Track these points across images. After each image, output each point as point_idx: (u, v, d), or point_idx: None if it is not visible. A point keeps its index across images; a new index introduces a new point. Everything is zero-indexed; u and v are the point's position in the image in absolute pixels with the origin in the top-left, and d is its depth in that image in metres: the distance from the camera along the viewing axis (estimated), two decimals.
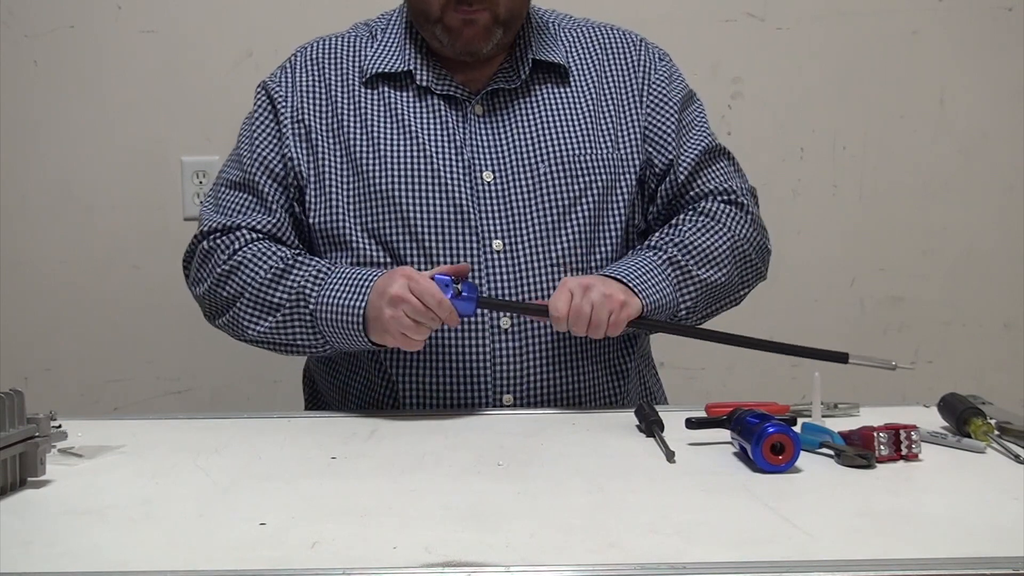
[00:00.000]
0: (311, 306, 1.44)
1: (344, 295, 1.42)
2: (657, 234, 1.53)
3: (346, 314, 1.41)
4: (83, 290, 2.22)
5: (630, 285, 1.41)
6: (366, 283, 1.41)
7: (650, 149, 1.57)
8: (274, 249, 1.49)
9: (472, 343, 1.48)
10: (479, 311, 1.44)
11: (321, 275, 1.45)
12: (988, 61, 2.24)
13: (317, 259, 1.50)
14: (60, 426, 1.16)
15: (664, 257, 1.48)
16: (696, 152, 1.58)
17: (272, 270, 1.47)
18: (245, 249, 1.50)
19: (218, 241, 1.52)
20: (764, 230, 1.60)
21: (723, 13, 2.22)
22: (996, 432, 1.25)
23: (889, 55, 2.24)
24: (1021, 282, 2.26)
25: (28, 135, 2.20)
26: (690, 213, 1.55)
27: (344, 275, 1.44)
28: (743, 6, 2.22)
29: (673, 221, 1.55)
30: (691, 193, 1.58)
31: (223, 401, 2.22)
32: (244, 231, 1.51)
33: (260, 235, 1.52)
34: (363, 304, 1.40)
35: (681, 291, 1.48)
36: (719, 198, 1.57)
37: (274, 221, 1.53)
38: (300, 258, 1.48)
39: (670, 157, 1.57)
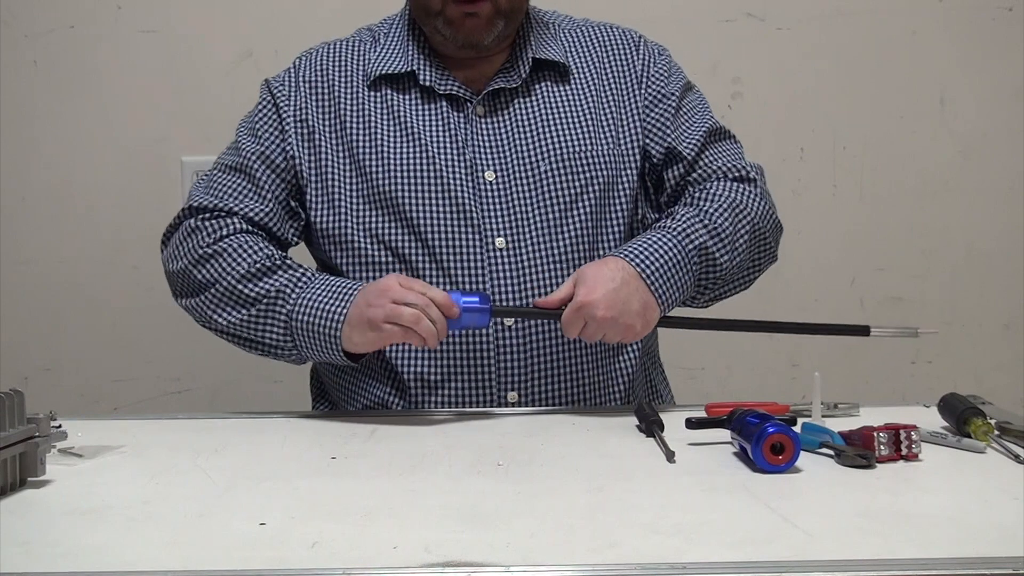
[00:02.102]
0: (288, 306, 1.43)
1: (325, 300, 1.42)
2: (686, 213, 1.48)
3: (325, 318, 1.40)
4: (83, 290, 2.22)
5: (652, 289, 1.39)
6: (351, 292, 1.41)
7: (648, 140, 1.57)
8: (263, 245, 1.48)
9: (477, 341, 1.48)
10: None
11: (304, 279, 1.45)
12: (988, 61, 2.24)
13: (304, 266, 1.49)
14: (60, 426, 1.16)
15: (694, 244, 1.45)
16: (701, 132, 1.58)
17: (256, 265, 1.46)
18: (233, 237, 1.49)
19: (207, 222, 1.50)
20: (774, 205, 1.58)
21: (723, 13, 2.22)
22: (996, 432, 1.25)
23: (889, 55, 2.24)
24: (1021, 282, 2.26)
25: (28, 135, 2.20)
26: (711, 192, 1.52)
27: (328, 282, 1.44)
28: (743, 6, 2.22)
29: (698, 196, 1.52)
30: (698, 172, 1.56)
31: (223, 401, 2.22)
32: (237, 219, 1.51)
33: (253, 225, 1.51)
34: (344, 310, 1.39)
35: (700, 279, 1.47)
36: (730, 176, 1.56)
37: (266, 209, 1.53)
38: (288, 261, 1.48)
39: (668, 143, 1.56)
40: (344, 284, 1.43)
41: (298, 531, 0.95)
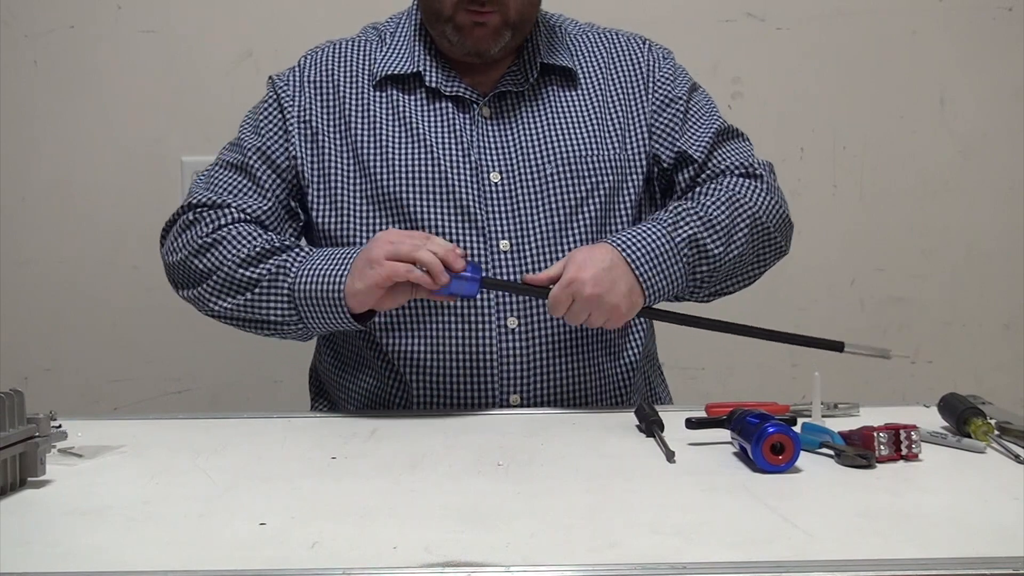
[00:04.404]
0: (290, 279, 1.43)
1: (326, 266, 1.42)
2: (682, 205, 1.50)
3: (327, 282, 1.40)
4: (83, 290, 2.22)
5: (639, 277, 1.40)
6: (350, 256, 1.41)
7: (656, 145, 1.58)
8: (260, 232, 1.48)
9: (479, 343, 1.48)
10: (486, 309, 1.47)
11: (304, 254, 1.45)
12: (988, 61, 2.24)
13: (304, 244, 1.49)
14: (60, 426, 1.16)
15: (685, 234, 1.45)
16: (710, 134, 1.58)
17: (256, 249, 1.45)
18: (231, 226, 1.49)
19: (203, 214, 1.51)
20: (784, 201, 1.59)
21: (723, 13, 2.22)
22: (996, 432, 1.25)
23: (889, 55, 2.24)
24: (1021, 282, 2.26)
25: (28, 135, 2.20)
26: (712, 186, 1.53)
27: (328, 252, 1.44)
28: (743, 6, 2.22)
29: (699, 190, 1.54)
30: (708, 172, 1.57)
31: (223, 401, 2.22)
32: (233, 209, 1.51)
33: (248, 217, 1.51)
34: (346, 270, 1.39)
35: (694, 271, 1.47)
36: (738, 172, 1.56)
37: (265, 208, 1.52)
38: (287, 243, 1.48)
39: (678, 147, 1.57)
40: (344, 249, 1.44)
41: (298, 531, 0.96)
